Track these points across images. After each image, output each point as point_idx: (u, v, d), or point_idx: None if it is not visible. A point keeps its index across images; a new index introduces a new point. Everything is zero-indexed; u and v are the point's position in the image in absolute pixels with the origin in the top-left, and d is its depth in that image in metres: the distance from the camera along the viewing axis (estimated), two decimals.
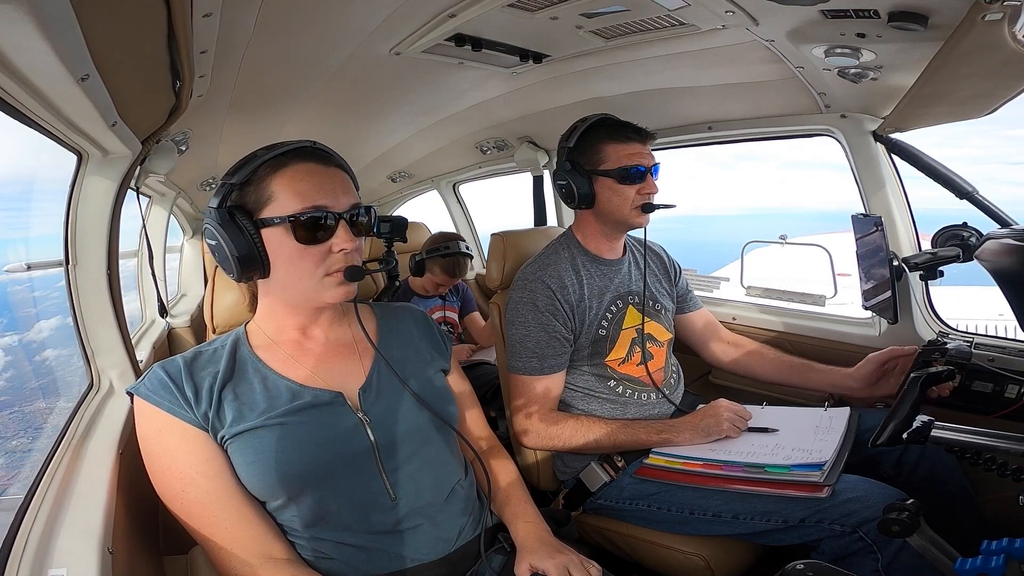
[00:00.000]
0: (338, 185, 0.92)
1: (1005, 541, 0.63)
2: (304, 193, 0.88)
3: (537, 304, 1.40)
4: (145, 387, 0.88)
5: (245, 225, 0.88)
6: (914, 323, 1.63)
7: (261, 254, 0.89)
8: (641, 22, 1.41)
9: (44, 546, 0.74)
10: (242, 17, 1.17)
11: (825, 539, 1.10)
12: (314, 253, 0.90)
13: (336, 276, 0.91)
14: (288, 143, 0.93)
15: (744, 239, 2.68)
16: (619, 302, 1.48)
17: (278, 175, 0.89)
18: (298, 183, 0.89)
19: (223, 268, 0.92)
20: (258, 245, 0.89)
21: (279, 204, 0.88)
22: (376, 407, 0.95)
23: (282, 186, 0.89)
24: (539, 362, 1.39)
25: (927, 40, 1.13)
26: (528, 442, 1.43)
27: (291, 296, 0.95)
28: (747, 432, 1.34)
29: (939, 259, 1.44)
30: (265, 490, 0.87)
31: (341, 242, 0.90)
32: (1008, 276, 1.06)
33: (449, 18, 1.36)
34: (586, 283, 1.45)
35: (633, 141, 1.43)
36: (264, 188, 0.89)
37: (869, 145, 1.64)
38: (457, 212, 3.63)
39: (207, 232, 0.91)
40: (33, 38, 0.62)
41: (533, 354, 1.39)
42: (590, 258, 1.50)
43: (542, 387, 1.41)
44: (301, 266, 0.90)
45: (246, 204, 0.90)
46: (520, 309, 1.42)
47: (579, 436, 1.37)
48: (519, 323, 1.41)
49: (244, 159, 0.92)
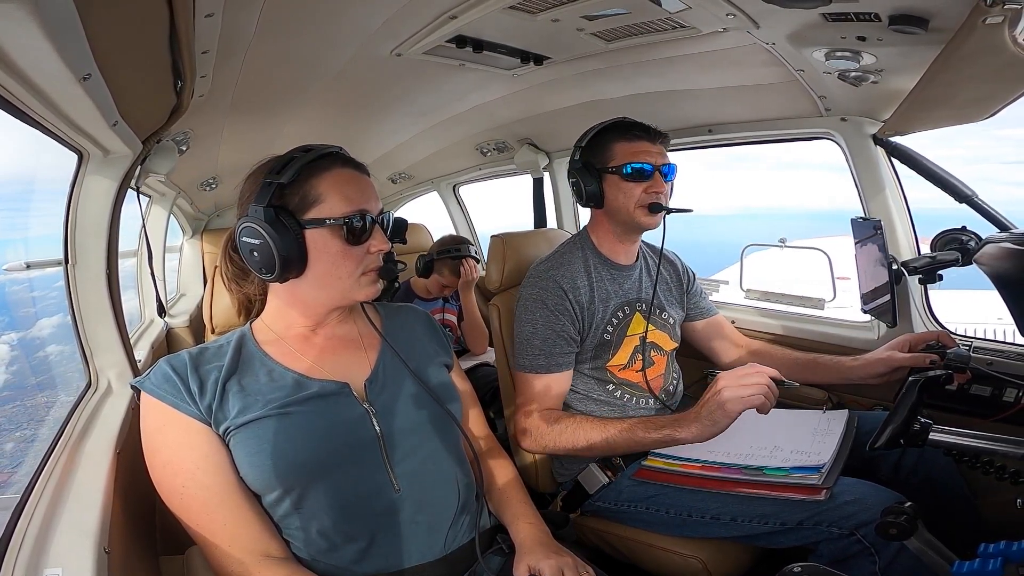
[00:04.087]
0: (372, 191, 0.98)
1: (1003, 544, 0.63)
2: (351, 197, 0.94)
3: (547, 302, 1.38)
4: (150, 381, 0.89)
5: (291, 225, 0.90)
6: (913, 327, 1.63)
7: (304, 253, 0.92)
8: (642, 25, 1.41)
9: (40, 545, 0.74)
10: (244, 17, 1.17)
11: (823, 541, 1.10)
12: (356, 253, 0.94)
13: (371, 275, 0.97)
14: (321, 146, 0.97)
15: (739, 239, 2.69)
16: (626, 308, 1.47)
17: (323, 178, 0.93)
18: (344, 187, 0.94)
19: (258, 268, 0.93)
20: (302, 244, 0.92)
21: (327, 206, 0.92)
22: (382, 398, 0.97)
23: (329, 189, 0.93)
24: (545, 359, 1.37)
25: (927, 43, 1.14)
26: (527, 444, 1.39)
27: (323, 294, 0.98)
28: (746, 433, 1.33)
29: (938, 263, 1.45)
30: (267, 481, 0.87)
31: (379, 243, 0.96)
32: (1007, 280, 1.07)
33: (450, 20, 1.37)
34: (596, 286, 1.44)
35: (641, 139, 1.42)
36: (309, 190, 0.93)
37: (869, 148, 1.64)
38: (457, 214, 3.63)
39: (248, 231, 0.91)
40: (35, 37, 0.62)
41: (540, 351, 1.38)
42: (602, 261, 1.48)
43: (544, 385, 1.38)
44: (344, 265, 0.94)
45: (288, 204, 0.92)
46: (529, 306, 1.40)
47: (575, 436, 1.31)
48: (527, 320, 1.40)
49: (282, 159, 0.94)
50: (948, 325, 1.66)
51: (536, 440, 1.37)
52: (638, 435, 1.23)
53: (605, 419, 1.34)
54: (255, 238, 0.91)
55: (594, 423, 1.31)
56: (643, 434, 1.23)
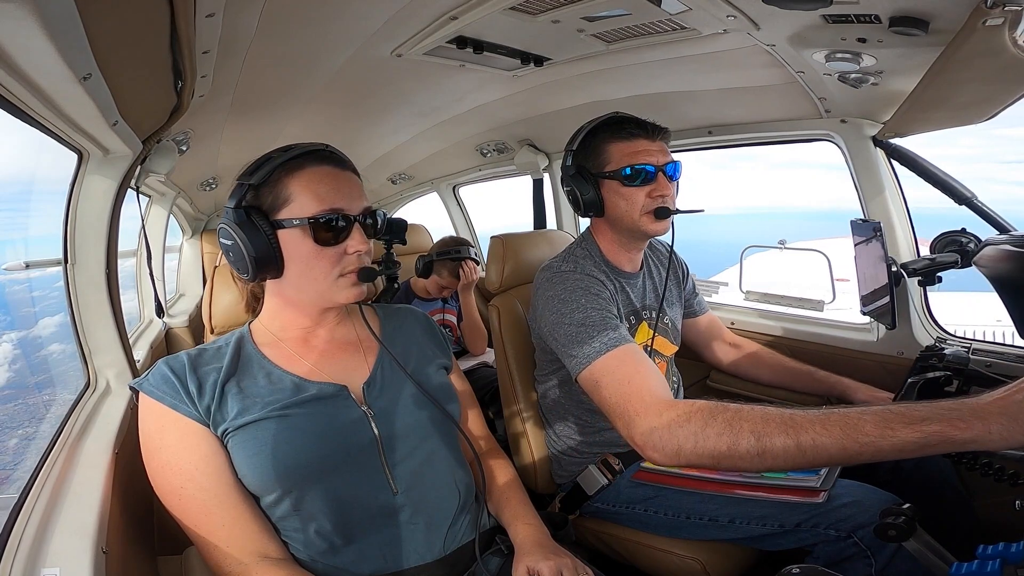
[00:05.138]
0: (353, 189, 0.95)
1: (1001, 546, 0.62)
2: (323, 196, 0.91)
3: (589, 288, 1.24)
4: (148, 382, 0.89)
5: (262, 225, 0.90)
6: (912, 329, 1.63)
7: (277, 254, 0.91)
8: (642, 26, 1.41)
9: (37, 545, 0.74)
10: (245, 18, 1.17)
11: (820, 543, 1.10)
12: (330, 254, 0.92)
13: (350, 277, 0.94)
14: (302, 145, 0.95)
15: (737, 239, 2.69)
16: (632, 318, 1.39)
17: (295, 177, 0.92)
18: (316, 185, 0.91)
19: (237, 268, 0.94)
20: (274, 245, 0.91)
21: (297, 206, 0.91)
22: (380, 401, 0.96)
23: (300, 188, 0.91)
24: (614, 332, 1.15)
25: (928, 45, 1.14)
26: (657, 456, 0.95)
27: (304, 296, 0.97)
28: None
29: (937, 265, 1.45)
30: (266, 483, 0.87)
31: (356, 244, 0.92)
32: (1006, 282, 1.07)
33: (451, 20, 1.37)
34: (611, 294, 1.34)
35: (638, 138, 1.30)
36: (281, 189, 0.91)
37: (869, 150, 1.64)
38: (457, 214, 3.63)
39: (222, 232, 0.93)
40: (36, 37, 0.62)
41: (604, 326, 1.15)
42: (611, 268, 1.38)
43: (633, 360, 1.09)
44: (317, 267, 0.92)
45: (262, 205, 0.92)
46: (567, 297, 1.23)
47: (740, 435, 0.86)
48: (570, 309, 1.20)
49: (259, 160, 0.94)
50: (947, 327, 1.66)
51: (673, 441, 0.92)
52: (868, 432, 0.77)
53: (791, 411, 0.86)
54: (228, 239, 0.92)
55: (774, 418, 0.86)
56: (878, 431, 0.76)
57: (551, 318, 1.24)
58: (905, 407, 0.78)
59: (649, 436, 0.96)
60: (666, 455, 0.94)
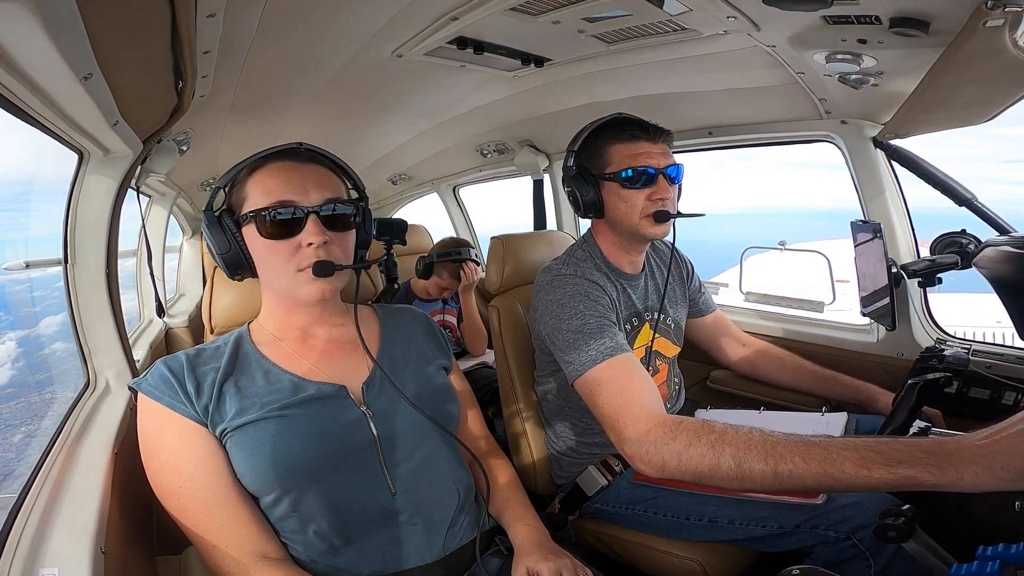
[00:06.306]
0: (309, 180, 0.92)
1: (1001, 547, 0.62)
2: (271, 189, 0.91)
3: (588, 294, 1.25)
4: (147, 382, 0.89)
5: (228, 226, 0.92)
6: (912, 330, 1.63)
7: (244, 253, 0.93)
8: (643, 27, 1.41)
9: (36, 545, 0.74)
10: (246, 18, 1.17)
11: (819, 545, 1.10)
12: (283, 248, 0.91)
13: (307, 272, 0.91)
14: (276, 147, 0.96)
15: (737, 239, 2.70)
16: (634, 320, 1.39)
17: (253, 175, 0.94)
18: (266, 180, 0.92)
19: (221, 268, 0.97)
20: (240, 244, 0.92)
21: (250, 202, 0.92)
22: (379, 401, 0.96)
23: (254, 185, 0.93)
24: (611, 340, 1.17)
25: (928, 46, 1.14)
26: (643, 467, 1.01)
27: (277, 293, 0.98)
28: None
29: (937, 266, 1.45)
30: (264, 483, 0.87)
31: (308, 236, 0.90)
32: (1006, 283, 1.07)
33: (451, 21, 1.37)
34: (612, 297, 1.34)
35: (640, 140, 1.29)
36: (241, 189, 0.94)
37: (869, 151, 1.65)
38: (457, 215, 3.63)
39: (204, 234, 0.96)
40: (37, 37, 0.62)
41: (601, 334, 1.17)
42: (611, 270, 1.38)
43: (626, 369, 1.13)
44: (273, 262, 0.93)
45: (232, 206, 0.94)
46: (566, 303, 1.23)
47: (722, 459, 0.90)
48: (569, 315, 1.22)
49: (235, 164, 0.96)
50: (947, 328, 1.66)
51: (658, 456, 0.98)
52: (845, 470, 0.80)
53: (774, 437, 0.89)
54: (206, 240, 0.95)
55: (757, 443, 0.89)
56: (855, 470, 0.79)
57: (550, 322, 1.26)
58: (886, 444, 0.80)
59: (637, 449, 1.02)
60: (652, 468, 1.00)
